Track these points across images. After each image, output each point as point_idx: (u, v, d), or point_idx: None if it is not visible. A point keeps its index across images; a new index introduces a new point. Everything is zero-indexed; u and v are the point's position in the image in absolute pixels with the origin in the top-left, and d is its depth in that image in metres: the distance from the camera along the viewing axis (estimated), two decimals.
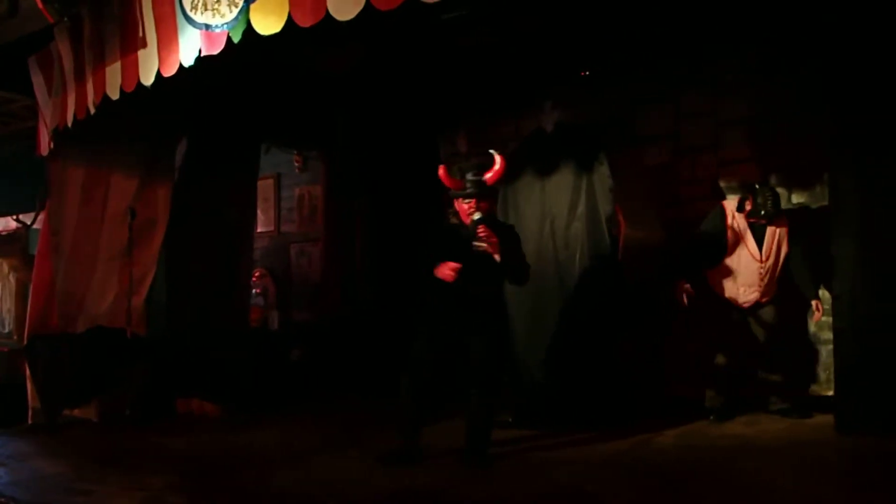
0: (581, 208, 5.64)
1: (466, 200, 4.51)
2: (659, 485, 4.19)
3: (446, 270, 4.40)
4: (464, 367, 4.57)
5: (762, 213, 5.54)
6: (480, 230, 4.37)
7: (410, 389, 4.60)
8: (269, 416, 6.29)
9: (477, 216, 4.43)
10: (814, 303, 5.63)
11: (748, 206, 5.62)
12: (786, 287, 5.73)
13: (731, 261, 5.72)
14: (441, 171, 4.60)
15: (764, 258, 5.63)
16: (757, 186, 5.65)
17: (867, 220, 5.07)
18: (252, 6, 4.17)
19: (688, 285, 5.68)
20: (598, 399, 5.54)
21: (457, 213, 4.70)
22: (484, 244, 4.38)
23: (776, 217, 5.59)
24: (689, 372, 6.25)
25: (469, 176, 4.52)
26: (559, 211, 5.75)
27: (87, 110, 5.34)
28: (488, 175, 4.51)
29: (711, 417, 5.70)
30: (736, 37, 5.81)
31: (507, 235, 4.59)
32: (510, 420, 5.68)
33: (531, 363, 5.76)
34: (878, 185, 5.01)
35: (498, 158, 4.52)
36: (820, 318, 5.67)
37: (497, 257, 4.41)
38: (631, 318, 5.71)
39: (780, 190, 5.93)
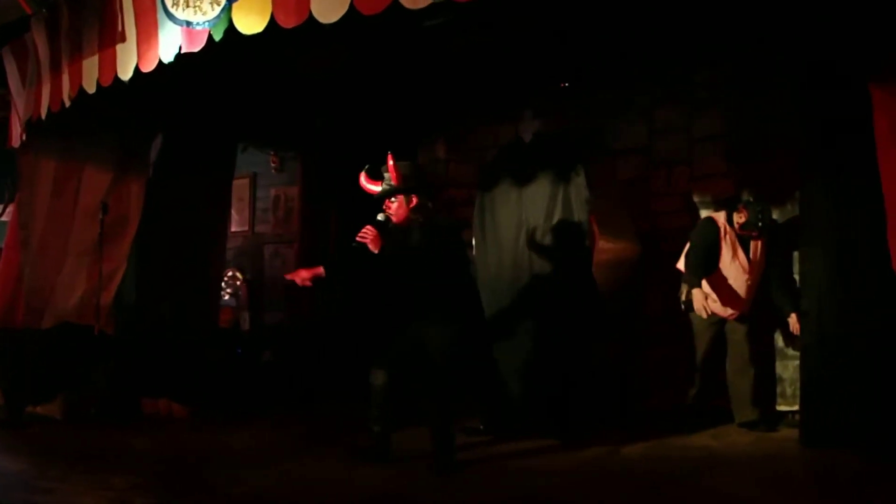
0: (557, 218, 5.67)
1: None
2: (626, 495, 4.21)
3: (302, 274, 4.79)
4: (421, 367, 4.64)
5: (759, 225, 5.61)
6: (362, 231, 4.50)
7: (379, 382, 4.63)
8: (237, 418, 6.25)
9: (380, 217, 4.63)
10: (793, 315, 5.68)
11: (741, 219, 5.68)
12: (755, 302, 5.79)
13: (721, 273, 5.77)
14: (362, 178, 4.77)
15: (751, 271, 5.71)
16: (749, 200, 5.74)
17: (835, 237, 5.13)
18: (234, 5, 4.17)
19: (702, 293, 5.70)
20: (568, 408, 5.56)
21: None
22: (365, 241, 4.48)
23: (767, 230, 5.66)
24: (660, 383, 6.30)
25: (384, 179, 4.70)
26: (535, 220, 5.77)
27: (62, 103, 5.29)
28: (390, 175, 4.63)
29: (681, 429, 5.74)
30: (710, 54, 5.88)
31: (422, 235, 4.61)
32: (481, 427, 5.70)
33: (503, 371, 5.77)
34: (847, 203, 5.07)
35: (389, 159, 4.62)
36: (797, 330, 5.69)
37: (372, 248, 4.45)
38: (603, 327, 5.73)
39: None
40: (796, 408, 5.73)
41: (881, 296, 4.78)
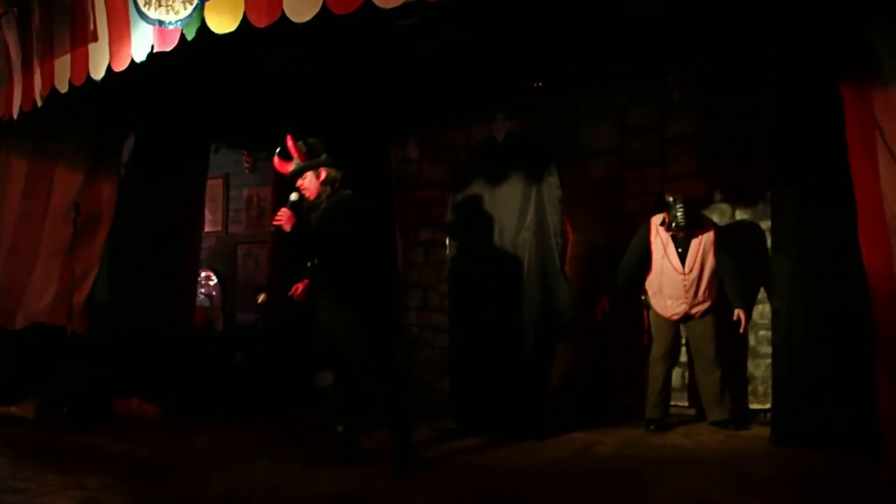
0: (530, 218, 5.69)
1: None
2: (596, 493, 4.24)
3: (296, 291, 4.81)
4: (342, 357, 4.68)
5: (673, 224, 5.69)
6: (277, 214, 4.60)
7: (323, 382, 4.69)
8: (210, 419, 6.22)
9: (293, 196, 4.71)
10: (736, 311, 5.73)
11: (666, 219, 5.76)
12: (723, 300, 5.85)
13: (656, 274, 5.85)
14: (275, 160, 4.86)
15: (687, 270, 5.75)
16: (671, 199, 5.78)
17: (805, 236, 5.19)
18: (207, 4, 4.15)
19: (606, 304, 5.91)
20: (541, 407, 5.59)
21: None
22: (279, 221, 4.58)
23: (690, 229, 5.71)
24: (629, 381, 6.35)
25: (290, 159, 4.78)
26: (508, 220, 5.79)
27: (34, 102, 5.25)
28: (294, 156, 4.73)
29: (651, 427, 5.79)
30: (683, 54, 5.93)
31: (327, 210, 4.69)
32: (454, 427, 5.72)
33: (476, 371, 5.79)
34: (817, 204, 5.13)
35: (289, 140, 4.74)
36: (743, 328, 5.77)
37: (286, 228, 4.54)
38: (575, 327, 5.77)
39: (723, 206, 6.07)
40: (768, 406, 5.79)
41: (850, 295, 4.83)
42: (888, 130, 4.35)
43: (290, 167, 4.75)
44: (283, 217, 4.55)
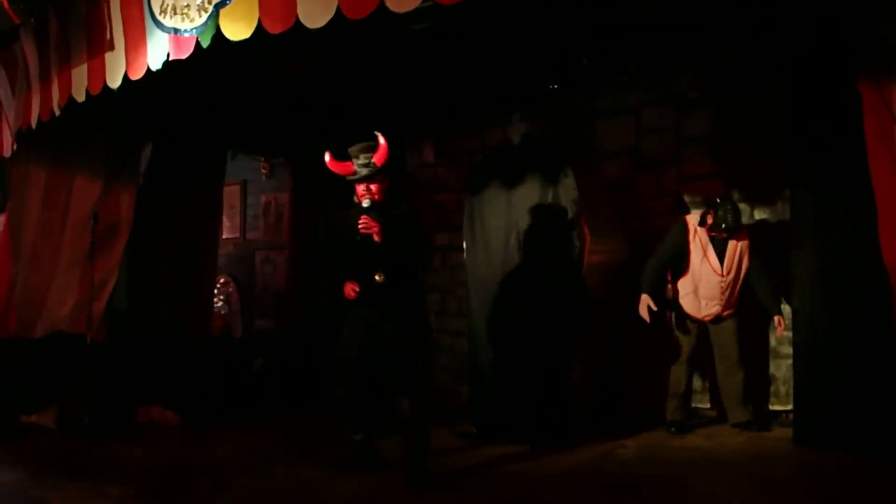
0: (546, 220, 5.67)
1: (359, 184, 4.50)
2: (618, 497, 4.22)
3: (348, 291, 4.45)
4: (381, 366, 4.51)
5: (723, 226, 5.62)
6: (361, 220, 4.34)
7: (343, 390, 4.59)
8: (230, 426, 6.22)
9: (366, 203, 4.43)
10: (776, 318, 5.71)
11: (710, 220, 5.70)
12: (746, 301, 5.81)
13: (692, 274, 5.79)
14: (327, 157, 4.55)
15: (725, 272, 5.70)
16: (718, 200, 5.74)
17: (824, 235, 5.16)
18: (222, 11, 4.16)
19: (650, 301, 5.74)
20: (561, 411, 5.56)
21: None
22: (370, 231, 4.35)
23: (736, 230, 5.67)
24: (651, 384, 6.31)
25: (358, 160, 4.48)
26: (524, 222, 5.78)
27: (52, 112, 5.29)
28: (375, 157, 4.46)
29: (672, 430, 5.76)
30: (698, 54, 5.91)
31: (400, 220, 4.51)
32: (474, 431, 5.71)
33: (495, 375, 5.77)
34: (835, 202, 5.10)
35: (381, 139, 4.48)
36: (782, 332, 5.75)
37: (377, 239, 4.33)
38: (595, 330, 5.74)
39: (742, 206, 6.02)
40: (790, 407, 5.75)
41: (871, 292, 4.80)
42: None
43: (351, 168, 4.51)
44: (373, 225, 4.33)
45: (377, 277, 4.33)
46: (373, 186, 4.48)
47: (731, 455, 5.13)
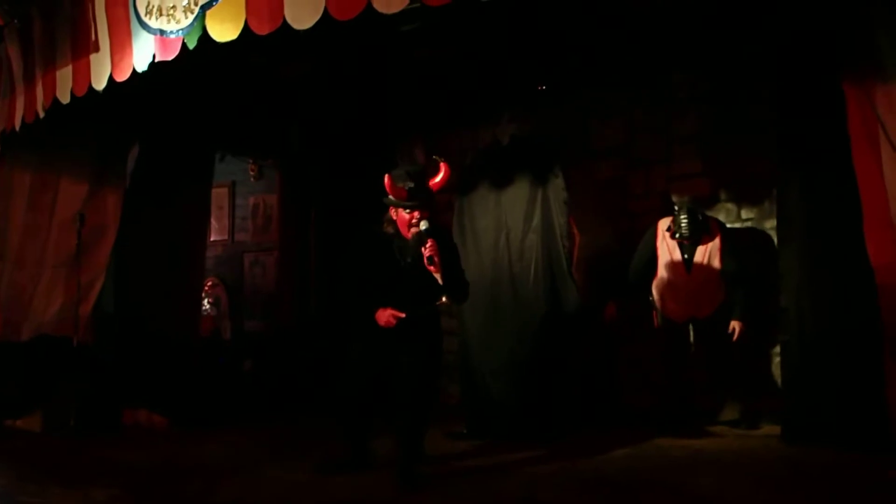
0: (536, 220, 5.68)
1: (408, 211, 4.27)
2: (610, 495, 4.21)
3: (387, 318, 4.22)
4: (397, 380, 4.42)
5: (676, 234, 5.67)
6: (428, 247, 4.12)
7: (345, 398, 4.56)
8: (218, 428, 6.21)
9: (424, 226, 4.19)
10: (732, 323, 5.66)
11: (672, 227, 5.74)
12: (716, 303, 5.82)
13: (664, 278, 5.82)
14: (387, 179, 4.26)
15: (693, 274, 5.72)
16: (676, 208, 5.79)
17: (812, 234, 5.19)
18: (208, 13, 4.14)
19: (612, 308, 5.93)
20: (552, 409, 5.57)
21: (392, 222, 4.40)
22: (432, 265, 4.13)
23: (691, 238, 5.67)
24: (641, 383, 6.32)
25: (407, 184, 4.23)
26: (514, 223, 5.78)
27: (37, 114, 5.25)
28: (433, 182, 4.30)
29: (663, 428, 5.75)
30: (687, 54, 5.92)
31: (448, 248, 4.38)
32: (464, 431, 5.70)
33: (485, 374, 5.77)
34: (822, 201, 5.13)
35: (442, 166, 4.31)
36: (736, 339, 5.70)
37: (440, 279, 4.15)
38: (584, 329, 5.75)
39: (729, 205, 6.04)
40: (778, 405, 5.76)
41: (858, 291, 4.83)
42: (891, 126, 4.36)
43: (405, 193, 4.23)
44: (435, 249, 4.12)
45: (443, 300, 4.21)
46: (425, 214, 4.25)
47: (720, 452, 5.14)
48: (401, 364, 4.39)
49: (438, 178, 4.32)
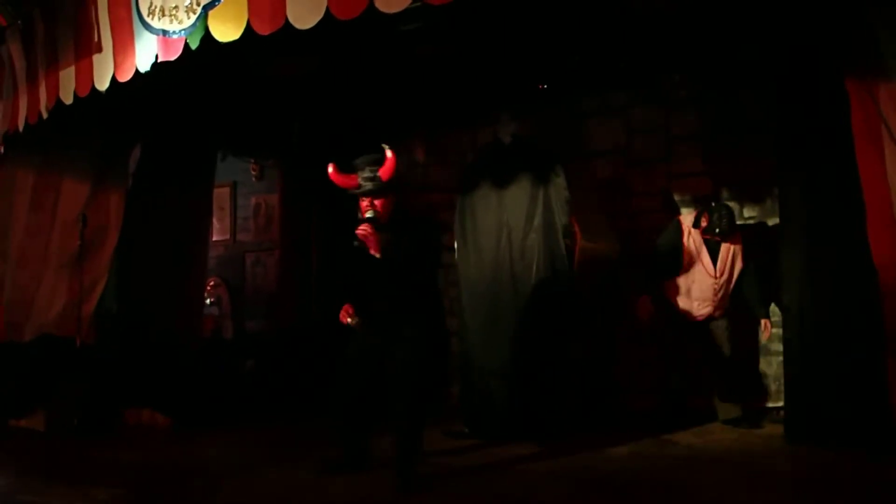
0: (538, 220, 5.67)
1: (363, 199, 4.27)
2: (610, 495, 4.21)
3: (342, 315, 4.29)
4: (389, 378, 4.41)
5: (717, 230, 5.65)
6: (360, 228, 4.12)
7: (340, 398, 4.55)
8: (221, 428, 6.21)
9: (369, 214, 4.20)
10: (762, 321, 5.73)
11: (704, 223, 5.72)
12: (738, 300, 5.83)
13: (686, 276, 5.81)
14: (331, 169, 4.27)
15: (718, 274, 5.73)
16: (713, 204, 5.78)
17: (814, 233, 5.19)
18: (210, 13, 4.14)
19: (650, 303, 5.79)
20: (552, 409, 5.57)
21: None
22: (362, 247, 4.13)
23: (730, 235, 5.68)
24: (642, 382, 6.32)
25: (363, 173, 4.24)
26: (516, 222, 5.77)
27: (40, 114, 5.26)
28: (381, 170, 4.22)
29: (664, 427, 5.75)
30: (687, 53, 5.92)
31: (411, 230, 4.31)
32: (465, 430, 5.70)
33: (486, 373, 5.76)
34: (824, 200, 5.13)
35: (389, 153, 4.22)
36: (768, 336, 5.77)
37: (374, 253, 4.12)
38: (585, 328, 5.75)
39: (731, 204, 6.04)
40: (781, 404, 5.77)
41: (860, 289, 4.82)
42: (894, 124, 4.34)
43: (356, 181, 4.25)
44: (373, 238, 4.11)
45: (350, 321, 4.23)
46: (377, 202, 4.24)
47: (722, 452, 5.13)
48: (393, 362, 4.39)
49: (385, 166, 4.23)
